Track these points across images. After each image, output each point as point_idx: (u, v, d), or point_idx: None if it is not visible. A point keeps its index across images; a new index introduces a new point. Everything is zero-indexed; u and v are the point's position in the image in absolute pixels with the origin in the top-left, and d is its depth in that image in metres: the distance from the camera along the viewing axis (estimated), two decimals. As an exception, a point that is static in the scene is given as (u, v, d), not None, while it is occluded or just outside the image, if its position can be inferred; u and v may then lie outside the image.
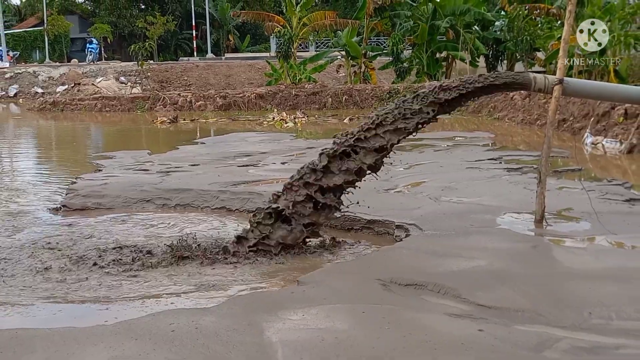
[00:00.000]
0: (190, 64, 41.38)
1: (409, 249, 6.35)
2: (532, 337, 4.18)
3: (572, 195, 8.38)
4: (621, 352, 4.01)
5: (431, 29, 27.63)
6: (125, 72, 36.56)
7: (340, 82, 30.35)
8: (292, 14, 29.80)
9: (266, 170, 11.09)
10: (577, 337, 4.20)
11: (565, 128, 14.88)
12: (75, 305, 5.21)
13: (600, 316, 4.54)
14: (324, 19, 30.28)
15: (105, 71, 36.41)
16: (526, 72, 7.43)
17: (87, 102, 26.76)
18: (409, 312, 4.67)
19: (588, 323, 4.44)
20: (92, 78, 34.55)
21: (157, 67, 38.48)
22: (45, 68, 38.68)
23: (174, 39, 57.17)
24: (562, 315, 4.56)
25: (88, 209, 8.58)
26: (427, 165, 11.16)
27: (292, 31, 29.74)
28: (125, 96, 27.86)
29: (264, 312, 4.65)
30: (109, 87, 32.85)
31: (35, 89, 34.49)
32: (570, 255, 6.13)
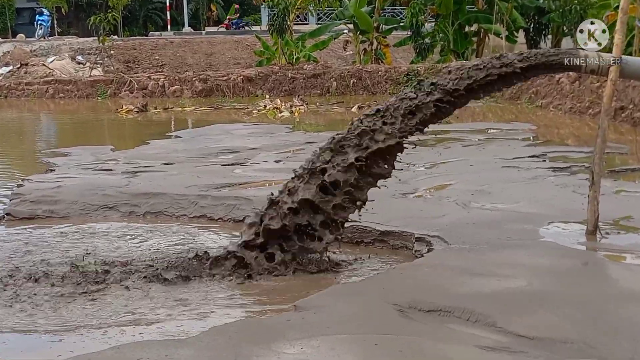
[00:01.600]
0: (163, 39, 41.32)
1: (432, 266, 6.34)
2: (582, 374, 4.19)
3: (632, 200, 8.39)
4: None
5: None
6: (83, 50, 36.51)
7: (347, 61, 30.37)
8: (288, -23, 29.85)
9: (256, 170, 11.10)
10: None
11: (623, 118, 14.86)
12: (22, 336, 5.21)
13: (666, 349, 4.55)
14: (327, -16, 30.35)
15: (59, 49, 36.37)
16: (575, 49, 7.41)
17: (37, 87, 26.74)
18: (432, 345, 4.66)
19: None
20: (43, 57, 34.53)
21: (122, 44, 38.47)
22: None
23: (143, 9, 57.24)
24: (618, 347, 4.56)
25: (38, 218, 8.60)
26: (453, 164, 11.16)
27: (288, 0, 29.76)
28: (84, 79, 27.84)
29: (254, 345, 4.65)
30: (63, 68, 32.82)
31: (-28, 70, 34.56)
32: (629, 274, 6.12)
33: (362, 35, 29.71)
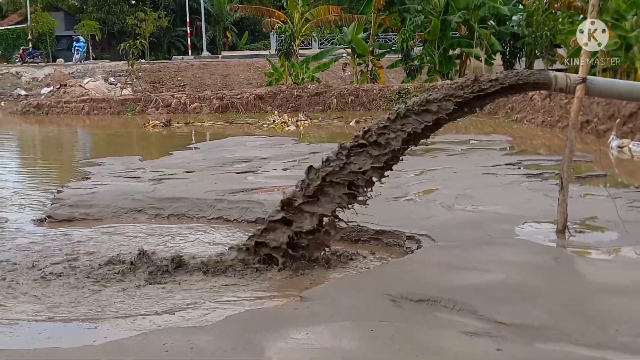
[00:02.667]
0: (185, 63, 41.43)
1: (421, 261, 6.33)
2: (555, 357, 4.17)
3: (597, 202, 8.36)
4: (651, 372, 4.00)
5: (443, 24, 27.64)
6: (114, 72, 36.61)
7: (346, 81, 30.40)
8: (294, 8, 29.82)
9: (266, 177, 11.08)
10: (603, 356, 4.18)
11: (589, 130, 14.86)
12: (61, 324, 5.20)
13: (628, 333, 4.52)
14: (327, 14, 30.31)
15: (93, 71, 36.46)
16: (546, 71, 7.42)
17: (74, 105, 26.79)
18: (422, 330, 4.65)
19: (615, 341, 4.42)
20: (79, 79, 34.60)
21: (148, 67, 38.56)
22: (28, 68, 38.74)
23: (167, 37, 57.32)
24: (587, 333, 4.54)
25: (75, 220, 8.59)
26: (439, 171, 11.15)
27: (294, 27, 29.77)
28: (115, 98, 27.88)
29: (265, 331, 4.64)
30: (97, 88, 32.89)
31: (18, 90, 34.56)
32: (596, 268, 6.12)
33: (358, 59, 29.79)
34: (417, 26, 28.68)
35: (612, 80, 11.41)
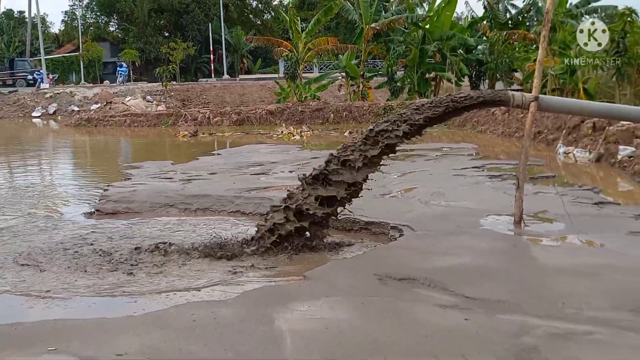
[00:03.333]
0: (209, 84, 41.47)
1: (403, 247, 6.35)
2: (512, 325, 4.17)
3: (546, 199, 8.37)
4: (590, 337, 4.00)
5: (421, 52, 27.67)
6: (151, 91, 36.63)
7: (341, 99, 30.36)
8: (299, 39, 29.86)
9: (276, 177, 11.08)
10: (552, 324, 4.19)
11: (540, 139, 14.87)
12: (107, 299, 5.21)
13: (572, 306, 4.54)
14: (326, 44, 30.34)
15: (134, 91, 36.48)
16: (505, 90, 7.44)
17: (118, 119, 26.80)
18: (403, 304, 4.66)
19: (561, 312, 4.43)
20: (122, 97, 34.62)
21: (179, 88, 38.60)
22: (80, 89, 38.79)
23: (194, 63, 57.41)
24: (539, 306, 4.55)
25: (118, 213, 8.59)
26: (418, 173, 11.15)
27: (298, 55, 29.80)
28: (151, 113, 27.89)
29: (275, 304, 4.66)
30: (136, 105, 32.90)
31: (71, 107, 34.55)
32: (546, 253, 6.14)
33: (351, 81, 29.80)
34: (400, 54, 28.69)
35: (560, 98, 11.43)
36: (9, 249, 6.77)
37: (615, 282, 5.05)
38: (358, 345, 3.91)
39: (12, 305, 5.16)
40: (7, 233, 7.52)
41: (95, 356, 3.80)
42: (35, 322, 4.49)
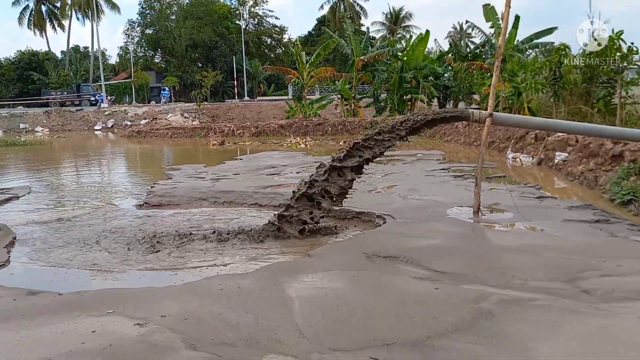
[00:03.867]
0: (233, 104, 41.47)
1: (386, 232, 6.34)
2: (472, 293, 4.17)
3: (499, 194, 8.37)
4: (534, 303, 4.00)
5: (400, 79, 27.58)
6: (187, 110, 36.64)
7: (337, 116, 30.24)
8: (303, 69, 29.79)
9: (286, 177, 11.07)
10: (504, 292, 4.19)
11: (493, 147, 14.85)
12: (154, 272, 5.22)
13: (519, 278, 4.54)
14: (325, 72, 30.29)
15: (174, 109, 36.48)
16: (466, 109, 7.45)
17: (161, 131, 26.76)
18: (386, 276, 4.66)
19: (511, 283, 4.43)
20: (165, 114, 34.61)
21: (209, 107, 38.56)
22: (132, 108, 38.78)
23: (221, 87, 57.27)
24: (493, 278, 4.55)
25: (162, 205, 8.60)
26: (397, 174, 11.13)
27: (303, 81, 29.73)
28: (188, 127, 27.86)
29: (285, 276, 4.66)
30: (176, 120, 32.87)
31: (125, 122, 34.55)
32: (498, 236, 6.13)
33: (345, 101, 29.74)
34: (383, 80, 28.59)
35: (509, 115, 11.39)
36: (77, 233, 6.77)
37: (552, 258, 5.05)
38: (351, 307, 3.91)
39: (79, 277, 5.17)
40: (76, 221, 7.53)
41: (145, 317, 3.80)
42: (97, 290, 4.50)
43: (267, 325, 3.65)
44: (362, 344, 3.36)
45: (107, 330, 3.58)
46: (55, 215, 7.93)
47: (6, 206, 8.82)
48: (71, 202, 9.12)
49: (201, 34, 56.81)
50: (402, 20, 63.34)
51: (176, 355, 3.20)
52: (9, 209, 8.55)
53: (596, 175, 9.40)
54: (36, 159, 17.74)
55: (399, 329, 3.54)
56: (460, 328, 3.55)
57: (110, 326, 3.65)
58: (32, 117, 35.78)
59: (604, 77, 14.03)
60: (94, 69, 55.34)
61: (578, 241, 5.69)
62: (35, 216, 7.91)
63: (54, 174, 13.83)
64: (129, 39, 63.19)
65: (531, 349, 3.27)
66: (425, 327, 3.56)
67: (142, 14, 62.14)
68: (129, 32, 63.27)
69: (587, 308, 3.89)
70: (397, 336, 3.44)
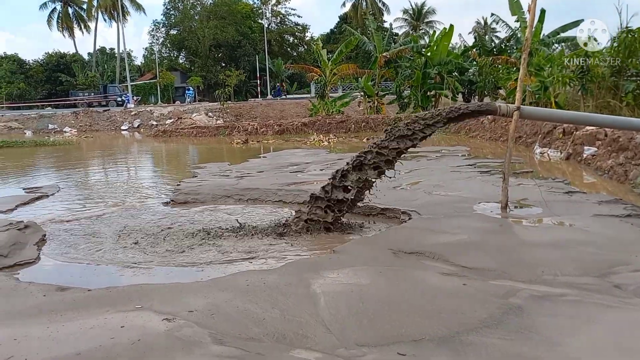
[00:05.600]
0: (256, 103, 41.59)
1: (412, 227, 6.28)
2: (501, 288, 4.10)
3: (526, 189, 8.23)
4: (565, 298, 3.91)
5: (423, 75, 27.34)
6: (212, 109, 36.89)
7: (360, 113, 30.17)
8: (326, 66, 29.77)
9: (309, 174, 11.06)
10: (533, 288, 4.11)
11: (520, 143, 14.63)
12: (181, 268, 5.25)
13: (549, 273, 4.44)
14: (348, 70, 30.21)
15: (198, 109, 36.77)
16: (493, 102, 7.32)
17: (186, 130, 27.04)
18: (413, 272, 4.61)
19: (541, 278, 4.34)
20: (190, 114, 34.95)
21: (233, 106, 38.78)
22: (157, 107, 39.19)
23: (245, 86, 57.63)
24: (522, 273, 4.46)
25: (188, 203, 8.66)
26: (422, 170, 11.04)
27: (326, 79, 29.71)
28: (212, 126, 28.09)
29: (311, 272, 4.64)
30: (201, 119, 33.17)
31: (151, 122, 34.94)
32: (527, 231, 6.02)
33: (368, 98, 29.61)
34: (406, 77, 28.37)
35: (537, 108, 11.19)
36: (105, 230, 6.86)
37: (582, 253, 4.93)
38: (376, 303, 3.88)
39: (107, 273, 5.23)
40: (104, 218, 7.64)
41: (172, 312, 3.82)
42: (126, 286, 4.54)
43: (293, 320, 3.64)
44: (389, 339, 3.32)
45: (135, 325, 3.61)
46: (84, 213, 8.06)
47: (36, 204, 8.99)
48: (99, 200, 9.26)
49: (224, 34, 57.18)
50: (425, 16, 62.89)
51: (204, 350, 3.21)
52: (39, 207, 8.72)
53: (626, 169, 9.18)
54: (65, 158, 18.08)
55: (427, 325, 3.49)
56: (490, 324, 3.49)
57: (139, 321, 3.68)
58: (61, 117, 36.46)
59: (633, 70, 13.70)
60: (120, 69, 56.19)
61: (609, 236, 5.55)
62: (64, 214, 8.04)
63: (82, 173, 14.07)
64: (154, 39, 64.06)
65: (562, 344, 3.20)
66: (453, 323, 3.51)
67: (166, 15, 62.88)
68: (153, 33, 64.15)
69: (618, 303, 3.79)
70: (424, 332, 3.39)
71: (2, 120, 35.69)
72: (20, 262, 5.60)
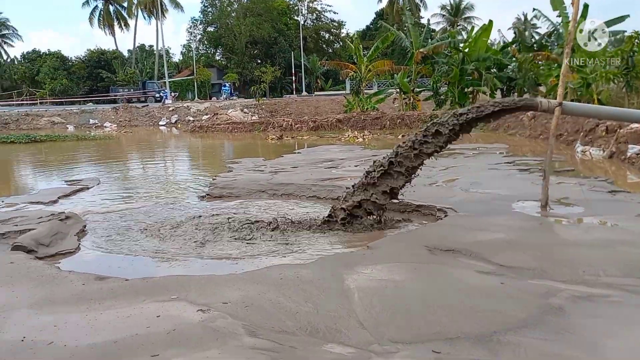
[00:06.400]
0: (291, 99, 41.74)
1: (448, 225, 6.18)
2: (541, 288, 3.99)
3: (568, 188, 8.01)
4: (607, 299, 3.79)
5: (461, 71, 26.91)
6: (247, 105, 37.20)
7: (395, 110, 29.91)
8: (362, 63, 29.64)
9: (344, 170, 11.03)
10: (575, 288, 3.99)
11: (561, 140, 14.23)
12: (216, 261, 5.31)
13: (591, 273, 4.31)
14: (384, 66, 30.01)
15: (234, 105, 37.12)
16: (534, 98, 7.14)
17: (222, 126, 27.36)
18: (448, 269, 4.54)
19: (582, 278, 4.22)
20: (226, 110, 35.29)
21: (268, 102, 39.04)
22: (194, 103, 39.79)
23: (280, 82, 57.88)
24: (562, 273, 4.34)
25: (223, 197, 8.75)
26: (459, 167, 10.87)
27: (361, 75, 29.58)
28: (248, 122, 28.33)
29: (345, 267, 4.62)
30: (236, 115, 33.47)
31: (188, 117, 35.47)
32: (568, 230, 5.85)
33: (404, 95, 29.34)
34: (443, 73, 27.98)
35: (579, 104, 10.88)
36: (142, 222, 6.99)
37: (626, 254, 4.76)
38: (411, 299, 3.83)
39: (144, 264, 5.33)
40: (142, 211, 7.78)
41: (207, 303, 3.86)
42: (162, 277, 4.62)
43: (326, 314, 3.63)
44: (424, 336, 3.28)
45: (171, 315, 3.66)
46: (123, 205, 8.24)
47: (77, 196, 9.24)
48: (137, 193, 9.45)
49: (261, 31, 57.54)
50: (463, 12, 61.89)
51: (237, 342, 3.23)
52: (80, 199, 8.95)
53: (675, 168, 8.83)
54: (105, 152, 18.53)
55: (463, 323, 3.42)
56: (528, 323, 3.40)
57: (174, 311, 3.73)
58: (101, 113, 37.38)
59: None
60: (158, 66, 57.21)
61: (655, 237, 5.34)
62: (103, 206, 8.24)
63: (121, 166, 14.39)
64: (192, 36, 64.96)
65: (602, 345, 3.09)
66: (490, 322, 3.43)
67: (204, 12, 63.68)
68: (191, 30, 65.08)
69: (666, 307, 3.64)
70: (460, 330, 3.33)
71: (45, 115, 36.81)
72: (61, 251, 5.76)
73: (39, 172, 13.73)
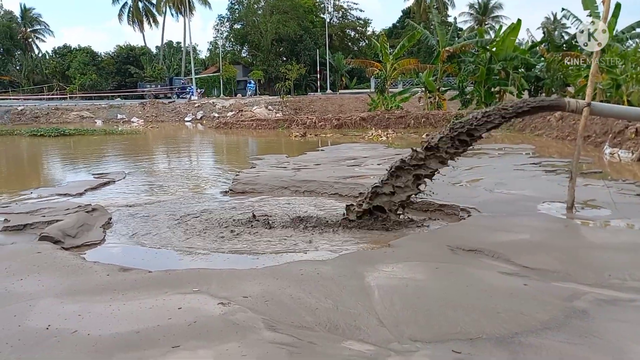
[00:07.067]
0: (315, 97, 41.73)
1: (471, 225, 6.11)
2: (565, 291, 3.92)
3: (595, 190, 7.84)
4: (633, 304, 3.70)
5: (488, 70, 26.57)
6: (272, 102, 37.34)
7: (420, 109, 29.70)
8: (387, 61, 29.49)
9: (367, 168, 10.98)
10: (600, 292, 3.91)
11: (589, 142, 13.94)
12: (237, 255, 5.34)
13: (617, 277, 4.21)
14: (409, 64, 29.82)
15: (259, 102, 37.29)
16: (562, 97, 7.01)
17: (247, 123, 27.48)
18: (470, 269, 4.48)
19: (608, 282, 4.13)
20: (250, 107, 35.48)
21: (293, 99, 39.10)
22: (220, 100, 40.04)
23: (305, 80, 57.87)
24: (588, 276, 4.26)
25: (246, 192, 8.79)
26: (483, 167, 10.74)
27: (386, 73, 29.44)
28: (272, 118, 28.43)
29: (365, 265, 4.60)
30: (261, 112, 33.62)
31: (213, 114, 35.74)
32: (594, 233, 5.74)
33: (429, 94, 29.11)
34: (470, 72, 27.67)
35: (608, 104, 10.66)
36: (167, 216, 7.07)
37: (656, 259, 4.64)
38: (431, 298, 3.80)
39: (167, 257, 5.39)
40: (166, 204, 7.87)
41: (228, 296, 3.89)
42: (184, 270, 4.66)
43: (346, 311, 3.62)
44: (444, 336, 3.24)
45: (192, 308, 3.69)
46: (148, 199, 8.34)
47: (104, 189, 9.39)
48: (162, 187, 9.56)
49: (286, 28, 57.62)
50: (491, 11, 61.11)
51: (257, 336, 3.24)
52: (106, 192, 9.10)
53: None
54: (132, 147, 18.79)
55: (484, 324, 3.38)
56: (551, 326, 3.34)
57: (195, 304, 3.76)
58: (129, 108, 37.90)
59: None
60: (185, 63, 57.79)
61: (686, 242, 5.20)
62: (129, 199, 8.35)
63: (147, 161, 14.57)
64: (218, 33, 65.38)
65: (628, 351, 3.02)
66: (512, 323, 3.38)
67: (231, 9, 64.04)
68: (218, 27, 65.47)
69: (696, 313, 3.54)
70: (481, 331, 3.29)
71: (75, 110, 37.50)
72: (87, 242, 5.86)
73: (67, 165, 14.00)
